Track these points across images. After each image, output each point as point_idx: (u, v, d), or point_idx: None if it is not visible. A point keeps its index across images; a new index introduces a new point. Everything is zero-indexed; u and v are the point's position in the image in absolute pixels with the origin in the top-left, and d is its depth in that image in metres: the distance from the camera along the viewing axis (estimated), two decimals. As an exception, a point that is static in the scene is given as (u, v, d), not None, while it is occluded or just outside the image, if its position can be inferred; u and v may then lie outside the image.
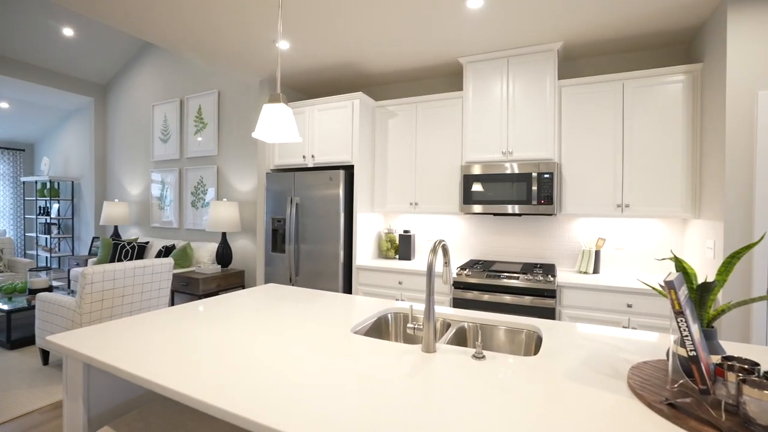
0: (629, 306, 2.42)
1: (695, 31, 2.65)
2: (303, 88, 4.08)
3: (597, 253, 2.86)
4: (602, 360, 1.20)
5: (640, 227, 2.91)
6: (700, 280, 2.45)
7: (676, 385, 0.98)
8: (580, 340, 1.37)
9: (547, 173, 2.78)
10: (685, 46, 2.85)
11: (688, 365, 0.97)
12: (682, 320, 0.92)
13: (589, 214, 2.78)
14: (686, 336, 0.92)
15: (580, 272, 2.90)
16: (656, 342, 1.37)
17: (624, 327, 2.41)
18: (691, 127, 2.54)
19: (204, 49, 3.13)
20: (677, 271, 1.08)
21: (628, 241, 2.94)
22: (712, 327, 1.02)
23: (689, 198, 2.54)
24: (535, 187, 2.82)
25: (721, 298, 2.19)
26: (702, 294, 1.02)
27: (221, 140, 4.90)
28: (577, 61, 3.16)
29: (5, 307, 3.39)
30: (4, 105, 6.14)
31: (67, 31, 5.07)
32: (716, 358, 0.97)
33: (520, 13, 2.48)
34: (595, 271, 2.86)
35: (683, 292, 0.95)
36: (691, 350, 0.91)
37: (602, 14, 2.47)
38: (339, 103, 3.40)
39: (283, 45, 3.04)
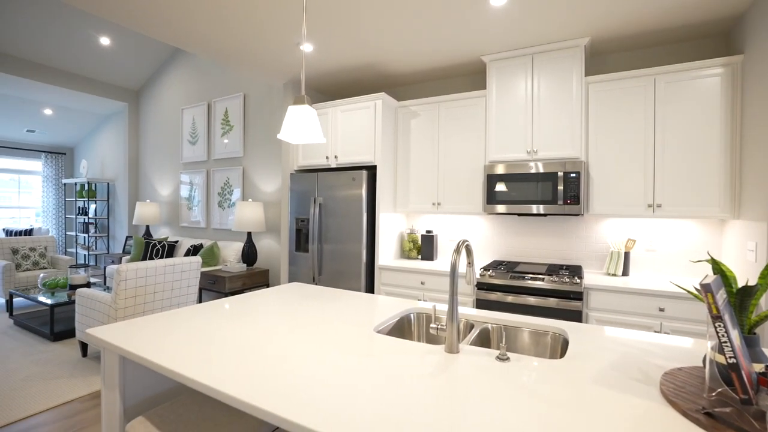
0: (661, 310, 2.32)
1: (735, 21, 2.52)
2: (326, 89, 4.13)
3: (626, 254, 2.76)
4: (632, 365, 1.16)
5: (673, 228, 2.79)
6: (741, 283, 2.32)
7: (713, 394, 0.93)
8: (608, 344, 1.33)
9: (573, 172, 2.71)
10: (722, 37, 2.71)
11: (728, 373, 0.93)
12: (720, 325, 0.88)
13: (618, 214, 2.69)
14: (725, 342, 0.87)
15: (609, 274, 2.80)
16: (691, 348, 1.31)
17: (656, 332, 2.32)
18: (730, 123, 2.41)
19: (231, 54, 3.22)
20: (714, 273, 1.03)
21: (660, 243, 2.82)
22: (755, 333, 0.97)
23: (727, 197, 2.41)
24: (561, 187, 2.74)
25: (764, 303, 2.07)
26: (743, 298, 0.97)
27: (246, 142, 5.02)
28: (605, 57, 3.06)
29: (49, 301, 3.60)
30: (48, 112, 6.52)
31: (104, 40, 5.33)
32: (759, 367, 0.92)
33: (545, 10, 2.42)
34: (625, 273, 2.76)
35: (721, 296, 0.91)
36: (730, 357, 0.86)
37: (632, 7, 2.38)
38: (362, 104, 3.42)
39: (307, 48, 3.09)
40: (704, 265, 2.70)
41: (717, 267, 1.03)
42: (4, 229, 6.55)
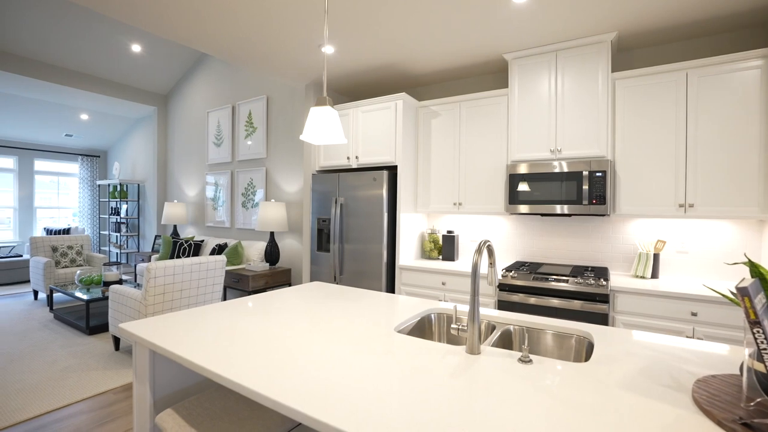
0: (694, 314, 2.22)
1: (775, 11, 2.38)
2: (347, 90, 4.17)
3: (656, 256, 2.66)
4: (662, 371, 1.12)
5: (707, 229, 2.67)
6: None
7: (752, 404, 0.89)
8: (636, 349, 1.29)
9: (599, 171, 2.63)
10: (761, 28, 2.56)
11: (767, 382, 0.88)
12: (758, 331, 0.84)
13: (647, 214, 2.59)
14: (764, 349, 0.83)
15: (636, 276, 2.71)
16: (727, 355, 1.25)
17: (688, 337, 2.23)
18: (770, 119, 2.28)
19: (254, 58, 3.29)
20: (752, 276, 0.98)
21: (693, 244, 2.70)
22: (796, 340, 0.92)
23: (767, 197, 2.28)
24: (586, 186, 2.67)
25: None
26: (783, 303, 0.92)
27: (269, 143, 5.12)
28: (633, 52, 2.95)
29: (84, 297, 3.79)
30: (85, 117, 6.84)
31: (135, 48, 5.55)
32: (800, 375, 0.87)
33: (569, 5, 2.36)
34: (654, 275, 2.66)
35: (760, 300, 0.86)
36: (769, 365, 0.82)
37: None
38: (382, 104, 3.42)
39: (329, 49, 3.12)
40: (741, 267, 2.57)
41: (755, 270, 0.98)
42: (45, 229, 6.93)
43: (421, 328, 1.70)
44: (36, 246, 5.40)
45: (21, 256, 6.65)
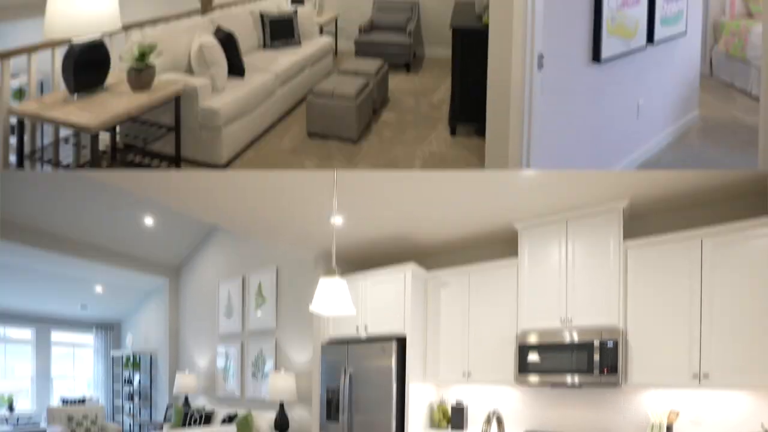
0: (711, 491, 2.04)
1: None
2: (355, 260, 4.27)
3: (669, 427, 2.57)
4: None
5: (723, 399, 2.52)
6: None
7: None
8: None
9: (610, 340, 2.60)
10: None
11: None
12: None
13: (660, 384, 2.53)
14: None
15: (650, 450, 2.55)
16: None
17: None
18: (793, 284, 2.25)
19: (265, 230, 3.46)
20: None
21: (707, 415, 2.58)
22: None
23: (786, 368, 2.19)
24: (597, 356, 2.63)
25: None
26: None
27: (279, 313, 5.20)
28: (646, 219, 2.80)
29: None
30: (99, 289, 7.23)
31: (148, 220, 5.73)
32: None
33: (579, 176, 2.37)
34: (668, 448, 2.52)
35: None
36: None
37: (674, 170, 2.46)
38: (391, 275, 3.46)
39: (338, 221, 3.40)
40: (760, 441, 2.45)
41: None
42: (61, 398, 6.92)
43: None
44: (53, 416, 5.46)
45: (38, 424, 6.50)
